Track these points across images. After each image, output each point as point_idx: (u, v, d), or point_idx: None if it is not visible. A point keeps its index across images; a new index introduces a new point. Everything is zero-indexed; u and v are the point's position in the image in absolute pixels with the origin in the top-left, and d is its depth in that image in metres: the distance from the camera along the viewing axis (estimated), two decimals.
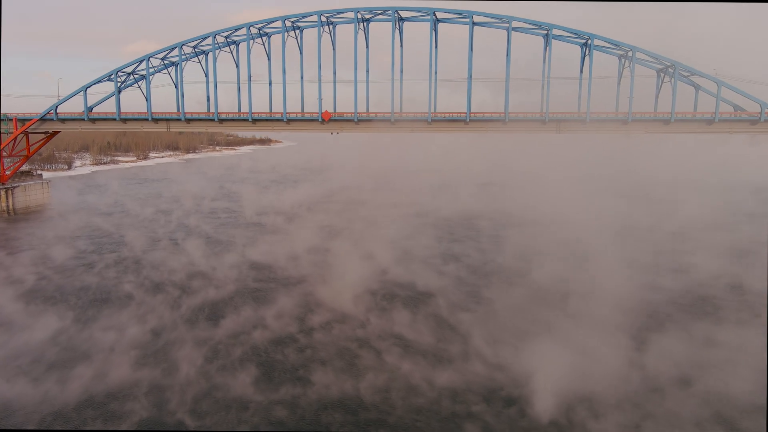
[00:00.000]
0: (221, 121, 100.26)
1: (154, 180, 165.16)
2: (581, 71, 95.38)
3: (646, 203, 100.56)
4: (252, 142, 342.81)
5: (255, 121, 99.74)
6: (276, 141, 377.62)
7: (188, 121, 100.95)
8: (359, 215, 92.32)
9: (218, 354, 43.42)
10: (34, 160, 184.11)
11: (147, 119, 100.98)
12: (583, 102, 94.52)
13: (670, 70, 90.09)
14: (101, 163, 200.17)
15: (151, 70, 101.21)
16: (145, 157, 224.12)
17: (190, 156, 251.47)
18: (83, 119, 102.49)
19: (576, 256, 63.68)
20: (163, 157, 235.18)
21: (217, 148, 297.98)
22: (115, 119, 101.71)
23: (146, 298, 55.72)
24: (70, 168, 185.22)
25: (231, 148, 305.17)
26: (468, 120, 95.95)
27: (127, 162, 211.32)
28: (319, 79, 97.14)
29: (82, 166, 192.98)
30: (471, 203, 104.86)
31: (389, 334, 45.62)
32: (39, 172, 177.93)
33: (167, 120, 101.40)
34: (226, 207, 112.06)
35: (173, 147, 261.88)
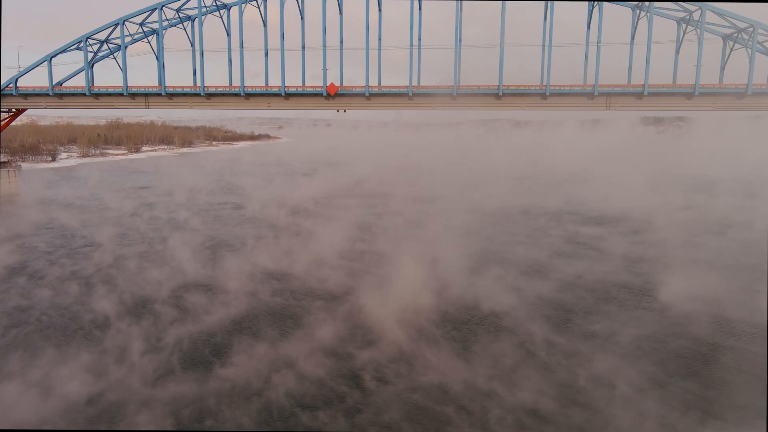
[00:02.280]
0: (209, 96, 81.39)
1: (143, 172, 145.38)
2: (632, 38, 77.40)
3: (722, 197, 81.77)
4: (251, 137, 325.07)
5: (248, 96, 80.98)
6: (275, 137, 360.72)
7: (170, 96, 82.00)
8: (390, 210, 73.15)
9: (205, 421, 25.38)
10: (16, 151, 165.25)
11: (122, 94, 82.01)
12: (635, 73, 76.71)
13: (743, 35, 72.18)
14: (89, 156, 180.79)
15: (128, 39, 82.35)
16: (137, 151, 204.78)
17: (186, 150, 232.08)
18: (48, 94, 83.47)
19: (695, 264, 45.28)
20: (156, 150, 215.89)
21: (214, 142, 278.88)
22: (84, 94, 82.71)
23: (114, 327, 36.53)
24: (54, 159, 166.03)
25: (228, 143, 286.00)
26: (501, 94, 77.60)
27: (117, 155, 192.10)
28: (324, 46, 78.41)
29: (68, 158, 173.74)
30: (515, 198, 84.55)
31: (476, 385, 27.46)
32: (19, 163, 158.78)
33: (146, 95, 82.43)
34: (228, 201, 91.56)
35: (168, 141, 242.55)
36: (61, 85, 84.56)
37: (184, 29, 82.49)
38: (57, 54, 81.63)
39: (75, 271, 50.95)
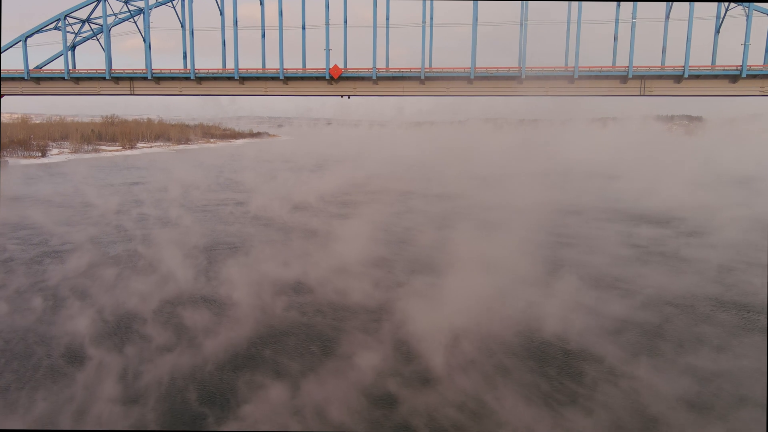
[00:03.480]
0: (199, 80, 71.45)
1: (136, 168, 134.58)
2: (667, 16, 68.16)
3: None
4: (250, 135, 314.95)
5: (243, 79, 71.08)
6: (274, 135, 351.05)
7: (158, 80, 71.96)
8: (410, 208, 63.21)
9: None
10: (4, 146, 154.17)
11: (105, 78, 71.84)
12: (670, 55, 67.46)
13: None
14: (81, 152, 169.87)
15: (112, 20, 72.02)
16: (132, 147, 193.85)
17: (182, 147, 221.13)
18: (23, 78, 73.12)
19: None
20: (151, 147, 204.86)
21: (212, 140, 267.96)
22: (63, 78, 72.43)
23: (88, 357, 27.23)
24: (44, 155, 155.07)
25: (226, 141, 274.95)
26: (523, 76, 68.07)
27: (110, 151, 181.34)
28: (327, 24, 68.59)
29: (59, 154, 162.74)
30: (543, 194, 73.30)
31: None
32: (6, 158, 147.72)
33: (130, 79, 72.42)
34: (228, 198, 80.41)
35: (164, 137, 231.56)
36: (40, 68, 74.32)
37: (173, 7, 72.33)
38: (32, 34, 71.46)
39: (41, 280, 41.15)
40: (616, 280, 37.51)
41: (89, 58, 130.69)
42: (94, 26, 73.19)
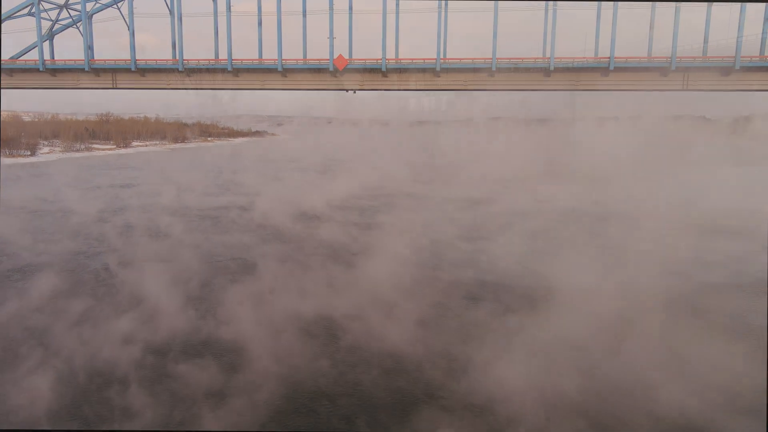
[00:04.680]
0: (189, 71, 61.89)
1: (128, 168, 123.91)
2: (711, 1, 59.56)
3: None
4: (251, 134, 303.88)
5: (237, 71, 61.70)
6: (273, 134, 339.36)
7: (143, 72, 62.36)
8: (437, 216, 53.71)
9: None
10: None
11: (84, 70, 61.98)
12: (712, 45, 58.94)
13: None
14: (72, 150, 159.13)
15: (92, 6, 62.22)
16: (126, 146, 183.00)
17: (179, 146, 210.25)
18: None
19: None
20: (147, 145, 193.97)
21: (209, 138, 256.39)
22: (38, 70, 62.51)
23: None
24: (33, 154, 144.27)
25: (225, 140, 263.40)
26: (552, 68, 59.28)
27: (104, 150, 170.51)
28: (331, 9, 59.40)
29: (50, 153, 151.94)
30: (575, 197, 63.28)
31: None
32: None
33: (113, 70, 62.82)
34: (229, 202, 69.63)
35: (161, 136, 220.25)
36: (15, 59, 64.40)
37: None
38: (3, 20, 61.40)
39: None
40: (712, 312, 28.20)
41: (80, 54, 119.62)
42: (73, 12, 63.41)
